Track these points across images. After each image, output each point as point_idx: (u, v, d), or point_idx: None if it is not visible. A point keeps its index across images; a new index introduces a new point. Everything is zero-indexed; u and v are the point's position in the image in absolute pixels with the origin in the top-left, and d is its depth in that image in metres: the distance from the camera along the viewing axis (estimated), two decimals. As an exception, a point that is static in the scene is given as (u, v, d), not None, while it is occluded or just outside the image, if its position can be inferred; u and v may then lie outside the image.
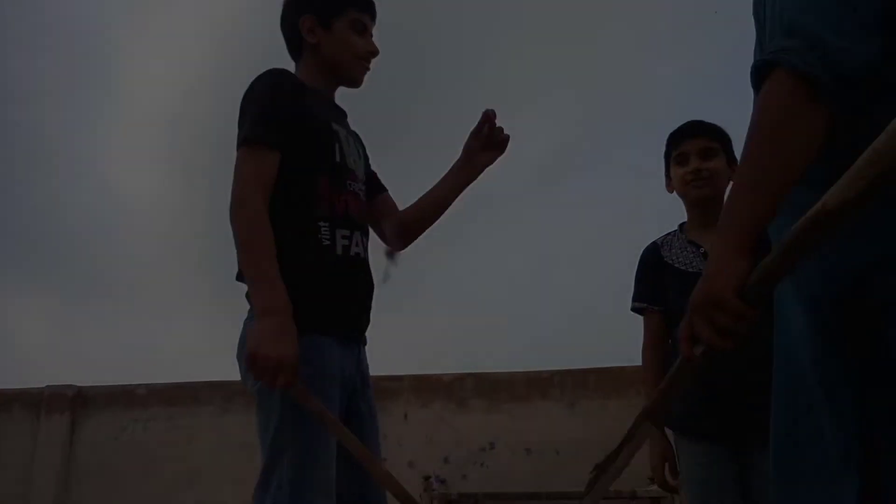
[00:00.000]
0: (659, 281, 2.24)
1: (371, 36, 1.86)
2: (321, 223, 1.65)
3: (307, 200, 1.67)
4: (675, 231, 2.33)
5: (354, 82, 1.88)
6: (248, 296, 1.62)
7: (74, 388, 9.51)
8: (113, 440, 9.18)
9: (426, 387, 6.25)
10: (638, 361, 2.33)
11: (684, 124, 2.29)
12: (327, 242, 1.65)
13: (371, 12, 1.87)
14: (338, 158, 1.72)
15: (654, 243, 2.35)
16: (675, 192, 2.30)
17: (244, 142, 1.65)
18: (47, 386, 9.56)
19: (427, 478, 8.37)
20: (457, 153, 1.91)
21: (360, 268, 1.73)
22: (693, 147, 2.22)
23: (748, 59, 1.15)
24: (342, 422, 1.60)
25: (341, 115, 1.88)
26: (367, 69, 1.86)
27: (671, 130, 2.32)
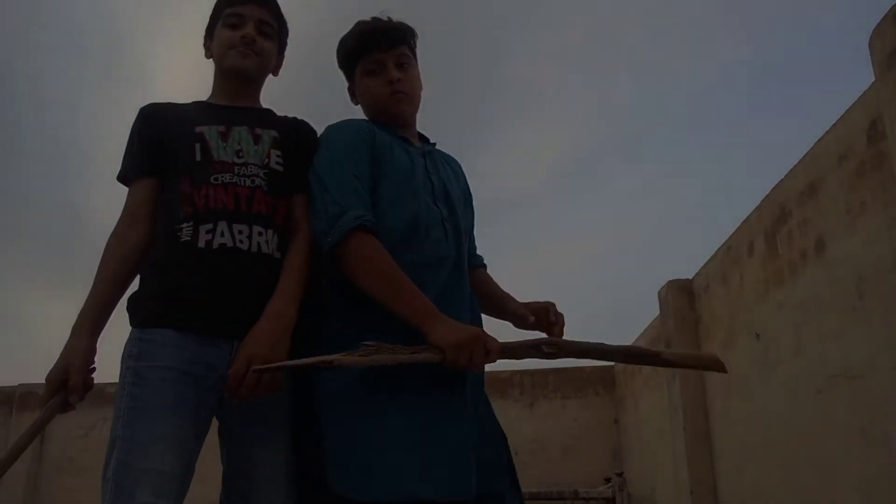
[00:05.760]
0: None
1: (256, 22, 1.86)
2: (184, 223, 1.68)
3: (172, 205, 1.72)
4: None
5: (236, 71, 1.87)
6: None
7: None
8: (82, 437, 9.30)
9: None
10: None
11: None
12: (187, 238, 1.66)
13: (245, 1, 1.86)
14: (198, 158, 1.74)
15: None
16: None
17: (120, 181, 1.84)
18: (20, 384, 9.65)
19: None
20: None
21: (227, 258, 1.66)
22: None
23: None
24: (222, 427, 1.65)
25: (226, 114, 1.84)
26: (245, 52, 1.84)
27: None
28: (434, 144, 1.98)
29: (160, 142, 1.78)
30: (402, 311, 1.58)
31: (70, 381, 1.57)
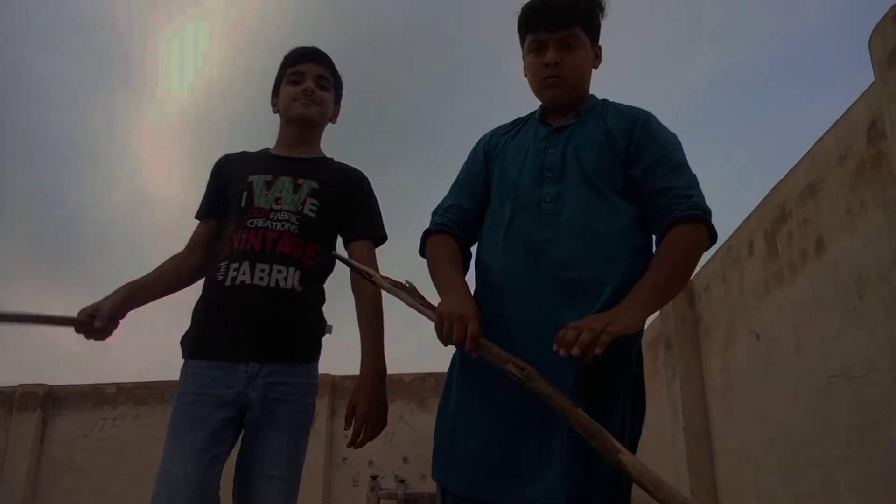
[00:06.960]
0: None
1: (314, 77, 2.16)
2: (221, 262, 2.00)
3: (219, 246, 2.05)
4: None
5: (299, 118, 2.17)
6: None
7: (45, 386, 9.62)
8: (82, 437, 9.31)
9: (387, 386, 6.48)
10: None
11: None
12: (220, 277, 1.98)
13: (304, 61, 2.18)
14: (242, 204, 2.05)
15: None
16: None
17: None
18: (20, 385, 9.65)
19: (374, 477, 8.57)
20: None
21: (245, 293, 1.94)
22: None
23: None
24: (247, 433, 1.92)
25: (276, 164, 2.13)
26: (307, 103, 2.15)
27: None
28: (580, 115, 1.84)
29: (223, 191, 2.13)
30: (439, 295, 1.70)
31: (98, 314, 1.92)
